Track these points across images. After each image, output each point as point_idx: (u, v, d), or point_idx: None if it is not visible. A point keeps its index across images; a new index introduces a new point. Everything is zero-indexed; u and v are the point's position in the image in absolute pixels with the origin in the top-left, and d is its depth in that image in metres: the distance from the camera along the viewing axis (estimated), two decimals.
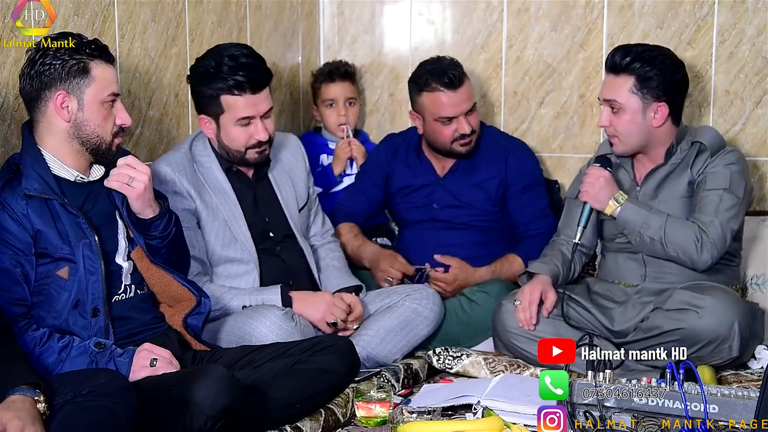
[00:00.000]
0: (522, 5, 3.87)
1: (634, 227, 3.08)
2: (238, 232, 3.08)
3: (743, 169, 3.13)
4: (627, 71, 3.08)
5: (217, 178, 3.10)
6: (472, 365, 3.12)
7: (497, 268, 3.49)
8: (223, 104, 3.02)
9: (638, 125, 3.09)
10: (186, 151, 3.10)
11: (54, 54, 2.46)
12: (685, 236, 3.03)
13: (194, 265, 2.98)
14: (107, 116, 2.53)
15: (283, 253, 3.19)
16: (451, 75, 3.44)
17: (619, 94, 3.08)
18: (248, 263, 3.09)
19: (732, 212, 3.05)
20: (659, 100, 3.07)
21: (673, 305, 2.96)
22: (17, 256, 2.41)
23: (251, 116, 3.03)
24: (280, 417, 2.52)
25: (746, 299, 3.24)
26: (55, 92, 2.47)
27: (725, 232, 3.03)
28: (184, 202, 3.02)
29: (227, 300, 2.99)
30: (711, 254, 3.03)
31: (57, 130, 2.50)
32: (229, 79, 2.99)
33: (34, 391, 2.05)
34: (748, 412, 2.32)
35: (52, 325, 2.45)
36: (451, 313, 3.32)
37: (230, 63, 3.00)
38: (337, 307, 3.07)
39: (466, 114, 3.47)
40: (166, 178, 3.00)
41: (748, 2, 3.54)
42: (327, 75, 3.89)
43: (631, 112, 3.08)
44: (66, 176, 2.53)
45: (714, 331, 2.89)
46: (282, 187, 3.24)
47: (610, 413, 2.41)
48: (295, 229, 3.23)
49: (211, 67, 3.02)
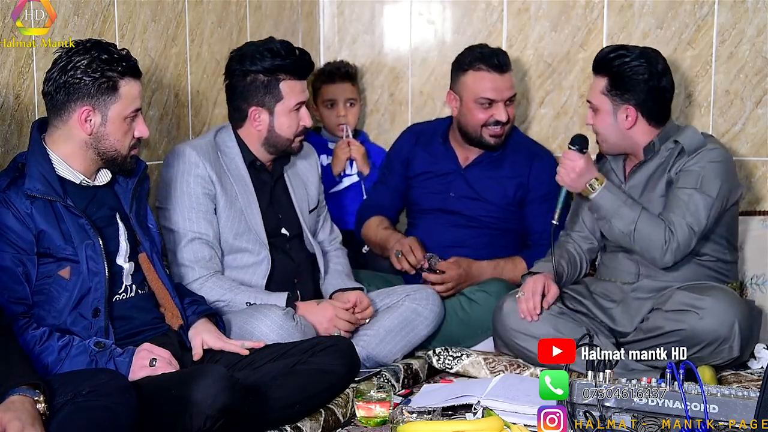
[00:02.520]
0: (522, 5, 3.87)
1: (606, 214, 3.08)
2: (252, 222, 3.09)
3: (721, 167, 3.08)
4: (602, 73, 3.13)
5: (239, 168, 3.12)
6: (472, 365, 3.12)
7: (500, 265, 3.48)
8: (282, 90, 3.05)
9: (612, 126, 3.13)
10: (211, 140, 3.11)
11: (86, 69, 2.46)
12: (655, 236, 3.02)
13: (206, 251, 2.99)
14: (128, 130, 2.55)
15: (292, 251, 3.20)
16: (500, 59, 3.47)
17: (594, 95, 3.14)
18: (258, 254, 3.09)
19: (702, 213, 3.02)
20: (627, 103, 3.10)
21: (673, 306, 2.96)
22: (19, 255, 2.41)
23: (303, 102, 3.09)
24: (280, 417, 2.52)
25: (745, 297, 3.24)
26: (81, 106, 2.47)
27: (692, 235, 3.01)
28: (204, 185, 3.02)
29: (233, 294, 2.99)
30: (674, 257, 3.03)
31: (75, 139, 2.51)
32: (288, 60, 3.04)
33: (34, 392, 2.05)
34: (748, 412, 2.32)
35: (52, 324, 2.45)
36: (451, 313, 3.31)
37: (284, 48, 3.06)
38: (341, 319, 3.07)
39: (506, 102, 3.47)
40: (190, 159, 3.01)
41: (748, 2, 3.54)
42: (327, 75, 3.89)
43: (603, 113, 3.13)
44: (71, 178, 2.53)
45: (715, 332, 2.89)
46: (296, 187, 3.26)
47: (610, 413, 2.41)
48: (305, 228, 3.24)
49: (268, 51, 3.04)
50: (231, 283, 3.02)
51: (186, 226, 2.98)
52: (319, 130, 3.96)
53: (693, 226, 3.01)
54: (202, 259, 2.98)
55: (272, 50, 3.04)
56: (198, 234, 2.99)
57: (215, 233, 3.04)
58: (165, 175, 3.02)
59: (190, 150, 3.03)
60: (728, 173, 3.11)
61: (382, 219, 3.64)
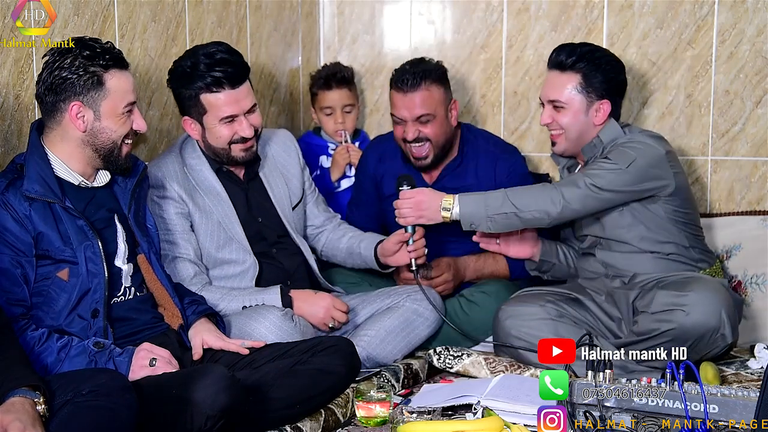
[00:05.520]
0: (522, 5, 3.87)
1: (480, 215, 3.07)
2: (233, 232, 3.08)
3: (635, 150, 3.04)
4: (573, 69, 3.13)
5: (209, 179, 3.09)
6: (472, 365, 3.12)
7: (481, 257, 3.48)
8: (204, 104, 2.99)
9: (582, 123, 3.14)
10: (176, 155, 3.09)
11: (69, 67, 2.46)
12: (533, 194, 3.04)
13: (190, 268, 2.99)
14: (124, 123, 2.55)
15: (279, 255, 3.19)
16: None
17: (561, 93, 3.14)
18: (244, 263, 3.09)
19: (596, 172, 3.02)
20: (603, 98, 3.12)
21: (657, 307, 2.94)
22: (18, 256, 2.41)
23: (234, 114, 3.00)
24: (280, 417, 2.52)
25: (721, 277, 3.19)
26: (70, 104, 2.47)
27: (587, 189, 2.99)
28: (176, 206, 3.01)
29: (227, 302, 2.99)
30: (569, 199, 3.00)
31: (71, 137, 2.51)
32: (207, 76, 2.95)
33: (34, 393, 2.05)
34: (748, 412, 2.32)
35: (51, 325, 2.45)
36: (451, 314, 3.31)
37: (206, 61, 2.96)
38: (337, 310, 3.07)
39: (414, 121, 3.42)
40: (157, 183, 2.99)
41: (748, 2, 3.54)
42: (324, 82, 3.85)
43: (573, 111, 3.13)
44: (70, 180, 2.53)
45: (704, 325, 2.88)
46: (274, 186, 3.23)
47: (610, 413, 2.41)
48: (289, 228, 3.22)
49: (188, 67, 2.98)
50: (222, 291, 3.02)
51: (165, 247, 2.96)
52: (318, 130, 3.95)
53: (580, 178, 3.02)
54: (187, 276, 2.98)
55: (190, 66, 2.97)
56: (178, 253, 2.99)
57: (195, 250, 3.03)
58: None
59: (155, 172, 3.00)
60: (646, 156, 3.05)
61: None
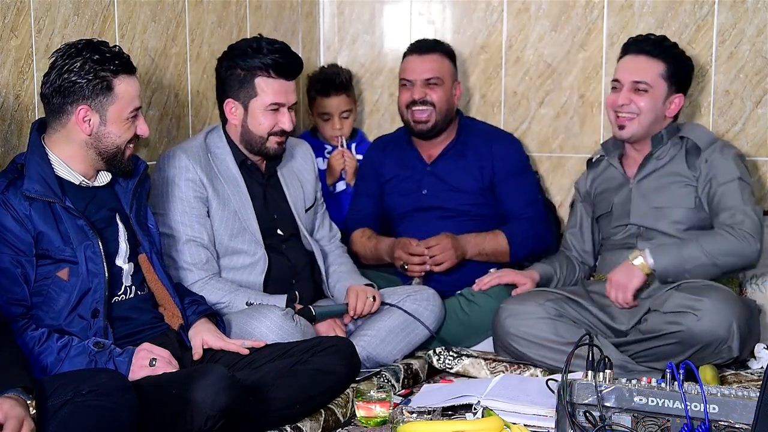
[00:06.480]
0: (522, 5, 3.87)
1: (677, 268, 3.05)
2: (247, 223, 3.09)
3: (740, 159, 3.19)
4: (660, 57, 3.17)
5: (230, 169, 3.12)
6: (472, 365, 3.12)
7: (481, 235, 3.51)
8: (256, 87, 3.04)
9: (658, 110, 3.17)
10: (201, 142, 3.11)
11: (79, 71, 2.46)
12: (724, 241, 3.04)
13: (203, 254, 3.00)
14: (129, 128, 2.56)
15: (289, 251, 3.20)
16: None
17: (650, 77, 3.16)
18: (254, 255, 3.10)
19: (752, 198, 3.12)
20: (680, 92, 3.19)
21: (670, 308, 2.95)
22: (18, 256, 2.41)
23: (281, 103, 3.06)
24: (280, 417, 2.52)
25: (743, 296, 3.24)
26: (78, 107, 2.47)
27: (756, 217, 3.07)
28: (196, 189, 3.02)
29: (232, 296, 2.99)
30: (756, 239, 3.04)
31: (75, 140, 2.51)
32: (269, 58, 3.03)
33: (28, 395, 2.03)
34: (748, 412, 2.31)
35: (51, 325, 2.45)
36: (451, 314, 3.32)
37: (269, 46, 3.05)
38: (339, 326, 3.10)
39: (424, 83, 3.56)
40: (180, 163, 3.01)
41: (748, 2, 3.54)
42: (321, 88, 3.85)
43: (655, 97, 3.16)
44: (70, 179, 2.53)
45: (713, 333, 2.88)
46: (291, 186, 3.25)
47: (610, 413, 2.41)
48: (301, 227, 3.24)
49: (251, 47, 3.05)
50: (230, 285, 3.02)
51: (180, 229, 2.98)
52: (315, 132, 3.95)
53: (752, 210, 3.07)
54: (200, 261, 2.99)
55: (254, 47, 3.06)
56: (193, 237, 2.99)
57: (209, 236, 3.04)
58: (157, 180, 3.02)
59: (180, 153, 3.02)
60: (740, 163, 3.18)
61: (364, 230, 3.66)
